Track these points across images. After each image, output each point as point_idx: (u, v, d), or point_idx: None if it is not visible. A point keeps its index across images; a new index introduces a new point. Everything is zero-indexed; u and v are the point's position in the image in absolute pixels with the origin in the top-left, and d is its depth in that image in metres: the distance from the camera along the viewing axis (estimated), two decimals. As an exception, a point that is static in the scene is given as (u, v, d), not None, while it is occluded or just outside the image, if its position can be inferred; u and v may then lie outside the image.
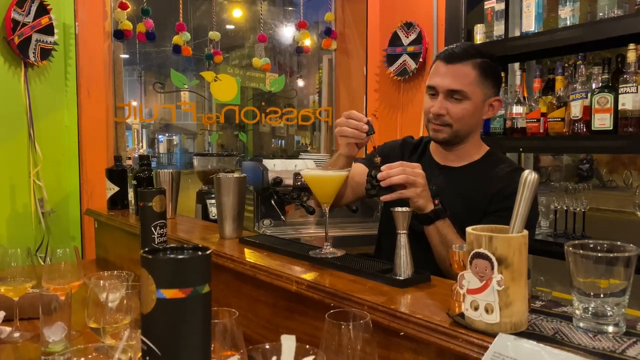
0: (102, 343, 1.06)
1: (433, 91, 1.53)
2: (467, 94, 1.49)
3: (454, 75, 1.48)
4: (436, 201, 1.35)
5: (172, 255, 0.57)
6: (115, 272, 1.35)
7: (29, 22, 2.51)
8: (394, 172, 1.28)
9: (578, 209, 2.35)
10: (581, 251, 0.79)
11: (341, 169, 1.47)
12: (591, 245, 0.80)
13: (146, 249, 0.58)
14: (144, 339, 0.57)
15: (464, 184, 1.56)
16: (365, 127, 1.39)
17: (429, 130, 1.59)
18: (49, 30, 2.60)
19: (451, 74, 1.49)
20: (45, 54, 2.60)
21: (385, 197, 1.30)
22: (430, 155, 1.69)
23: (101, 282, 1.24)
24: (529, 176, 0.80)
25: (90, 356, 0.88)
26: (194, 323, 0.56)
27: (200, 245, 0.60)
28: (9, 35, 2.43)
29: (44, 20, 2.57)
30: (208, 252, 0.58)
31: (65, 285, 1.37)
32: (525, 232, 0.81)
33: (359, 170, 1.63)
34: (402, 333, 0.90)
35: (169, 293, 0.55)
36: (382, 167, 1.29)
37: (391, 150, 1.75)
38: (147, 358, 0.57)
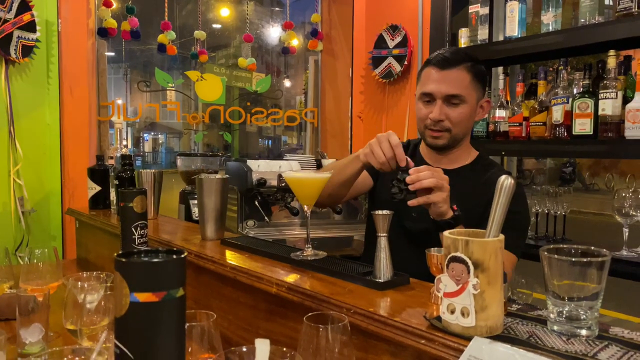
0: (79, 345, 1.04)
1: (429, 98, 1.53)
2: (465, 97, 1.50)
3: (451, 80, 1.49)
4: (454, 207, 1.32)
5: (145, 259, 0.56)
6: (95, 273, 1.34)
7: (11, 18, 2.47)
8: (424, 175, 1.25)
9: (559, 212, 2.38)
10: (555, 256, 0.80)
11: (351, 173, 1.48)
12: (565, 250, 0.81)
13: (120, 252, 0.57)
14: (118, 342, 0.56)
15: (458, 186, 1.55)
16: (394, 164, 1.31)
17: (426, 137, 1.58)
18: (30, 27, 2.56)
19: (448, 80, 1.49)
20: (27, 51, 2.57)
21: (412, 202, 1.26)
22: (421, 157, 1.68)
23: (79, 282, 1.23)
24: (505, 182, 0.81)
25: (66, 358, 0.87)
26: (167, 327, 0.56)
27: (174, 249, 0.60)
28: (-10, 32, 2.40)
29: (26, 17, 2.54)
30: (182, 256, 0.58)
31: (43, 286, 1.36)
32: (502, 236, 0.82)
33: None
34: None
35: (142, 297, 0.55)
36: (411, 171, 1.26)
37: None
38: (120, 362, 0.57)
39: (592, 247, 0.82)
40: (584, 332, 0.80)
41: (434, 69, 1.52)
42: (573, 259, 0.79)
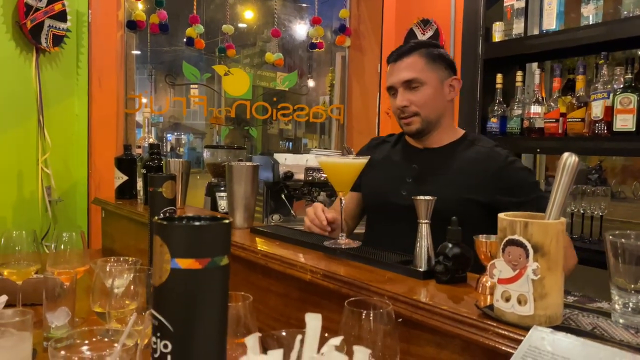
0: (107, 327, 1.01)
1: (393, 91, 1.63)
2: (422, 79, 1.58)
3: (403, 68, 1.59)
4: None
5: (188, 223, 0.52)
6: (122, 258, 1.31)
7: (42, 7, 2.48)
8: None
9: (596, 213, 2.29)
10: (623, 240, 0.73)
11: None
12: (633, 235, 0.75)
13: (161, 216, 0.53)
14: (155, 313, 0.52)
15: (449, 162, 1.60)
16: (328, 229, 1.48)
17: (403, 127, 1.66)
18: (61, 16, 2.57)
19: (401, 68, 1.60)
20: (58, 40, 2.57)
21: None
22: (407, 142, 1.74)
23: (108, 266, 1.20)
24: (569, 159, 0.75)
25: (94, 339, 0.84)
26: (210, 297, 0.52)
27: (218, 216, 0.55)
28: (22, 20, 2.41)
29: (57, 7, 2.54)
30: (227, 222, 0.53)
31: (70, 270, 1.33)
32: (563, 219, 0.76)
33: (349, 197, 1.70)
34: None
35: (184, 263, 0.50)
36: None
37: (373, 150, 1.78)
38: (158, 334, 0.52)
39: (663, 233, 0.75)
40: (653, 325, 0.73)
41: (391, 65, 1.64)
42: (644, 244, 0.72)
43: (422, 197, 1.03)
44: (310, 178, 2.36)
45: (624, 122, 2.01)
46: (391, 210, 1.60)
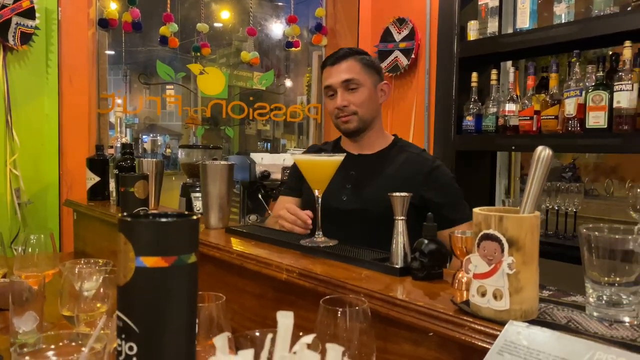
0: (75, 331, 0.98)
1: (331, 91, 1.74)
2: (359, 81, 1.71)
3: (343, 69, 1.71)
4: None
5: (154, 219, 0.50)
6: (92, 260, 1.27)
7: (9, 4, 2.41)
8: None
9: (570, 209, 2.32)
10: (596, 233, 0.73)
11: None
12: (606, 228, 0.75)
13: (125, 213, 0.51)
14: (120, 314, 0.50)
15: (383, 167, 1.73)
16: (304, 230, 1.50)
17: (340, 126, 1.76)
18: (29, 13, 2.50)
19: (340, 70, 1.71)
20: (26, 38, 2.50)
21: None
22: (343, 148, 1.83)
23: (77, 268, 1.16)
24: (543, 152, 0.75)
25: (62, 343, 0.81)
26: (177, 296, 0.50)
27: (186, 212, 0.53)
28: (-12, 17, 2.34)
29: (25, 4, 2.47)
30: (195, 217, 0.51)
31: (38, 274, 1.29)
32: (537, 213, 0.76)
33: (285, 202, 1.79)
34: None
35: (149, 261, 0.48)
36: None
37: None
38: (123, 336, 0.50)
39: (636, 228, 0.75)
40: (627, 318, 0.73)
41: (329, 68, 1.75)
42: (617, 237, 0.72)
43: (397, 194, 1.03)
44: (287, 178, 2.34)
45: (596, 119, 2.04)
46: (333, 215, 1.63)
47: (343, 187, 1.71)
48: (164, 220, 0.49)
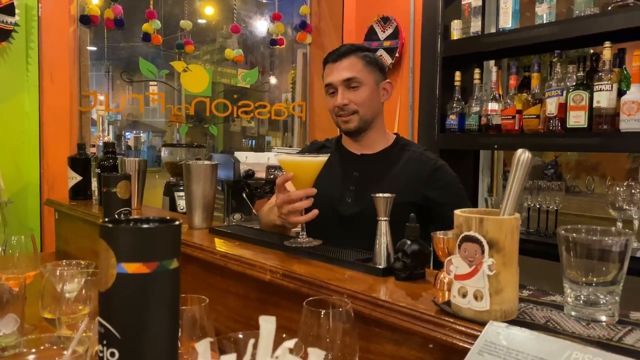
0: (57, 334, 0.97)
1: (332, 89, 1.68)
2: (361, 79, 1.66)
3: (344, 67, 1.66)
4: None
5: (135, 225, 0.50)
6: (74, 261, 1.26)
7: (-12, 0, 2.37)
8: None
9: (551, 207, 2.35)
10: (574, 234, 0.75)
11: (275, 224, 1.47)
12: (584, 229, 0.76)
13: (106, 219, 0.50)
14: (102, 320, 0.49)
15: (386, 167, 1.69)
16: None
17: (340, 125, 1.71)
18: (9, 10, 2.46)
19: (341, 67, 1.66)
20: (5, 34, 2.46)
21: None
22: (345, 148, 1.79)
23: (58, 270, 1.15)
24: (522, 155, 0.76)
25: (43, 347, 0.80)
26: (159, 302, 0.50)
27: (168, 217, 0.53)
28: (-34, 14, 2.30)
29: (4, 0, 2.43)
30: (177, 223, 0.51)
31: (19, 275, 1.27)
32: (517, 215, 0.77)
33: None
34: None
35: (131, 267, 0.48)
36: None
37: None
38: (105, 342, 0.50)
39: (613, 228, 0.77)
40: (603, 317, 0.75)
41: (330, 64, 1.70)
42: (594, 238, 0.74)
43: (380, 195, 1.03)
44: (272, 176, 2.34)
45: (576, 119, 2.07)
46: (339, 218, 1.65)
47: (346, 189, 1.68)
48: (145, 226, 0.49)
